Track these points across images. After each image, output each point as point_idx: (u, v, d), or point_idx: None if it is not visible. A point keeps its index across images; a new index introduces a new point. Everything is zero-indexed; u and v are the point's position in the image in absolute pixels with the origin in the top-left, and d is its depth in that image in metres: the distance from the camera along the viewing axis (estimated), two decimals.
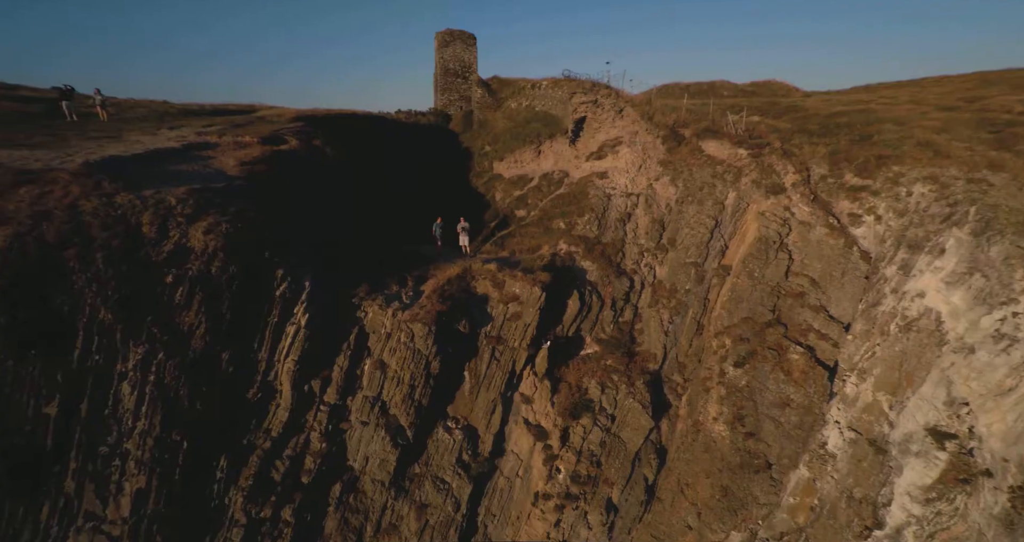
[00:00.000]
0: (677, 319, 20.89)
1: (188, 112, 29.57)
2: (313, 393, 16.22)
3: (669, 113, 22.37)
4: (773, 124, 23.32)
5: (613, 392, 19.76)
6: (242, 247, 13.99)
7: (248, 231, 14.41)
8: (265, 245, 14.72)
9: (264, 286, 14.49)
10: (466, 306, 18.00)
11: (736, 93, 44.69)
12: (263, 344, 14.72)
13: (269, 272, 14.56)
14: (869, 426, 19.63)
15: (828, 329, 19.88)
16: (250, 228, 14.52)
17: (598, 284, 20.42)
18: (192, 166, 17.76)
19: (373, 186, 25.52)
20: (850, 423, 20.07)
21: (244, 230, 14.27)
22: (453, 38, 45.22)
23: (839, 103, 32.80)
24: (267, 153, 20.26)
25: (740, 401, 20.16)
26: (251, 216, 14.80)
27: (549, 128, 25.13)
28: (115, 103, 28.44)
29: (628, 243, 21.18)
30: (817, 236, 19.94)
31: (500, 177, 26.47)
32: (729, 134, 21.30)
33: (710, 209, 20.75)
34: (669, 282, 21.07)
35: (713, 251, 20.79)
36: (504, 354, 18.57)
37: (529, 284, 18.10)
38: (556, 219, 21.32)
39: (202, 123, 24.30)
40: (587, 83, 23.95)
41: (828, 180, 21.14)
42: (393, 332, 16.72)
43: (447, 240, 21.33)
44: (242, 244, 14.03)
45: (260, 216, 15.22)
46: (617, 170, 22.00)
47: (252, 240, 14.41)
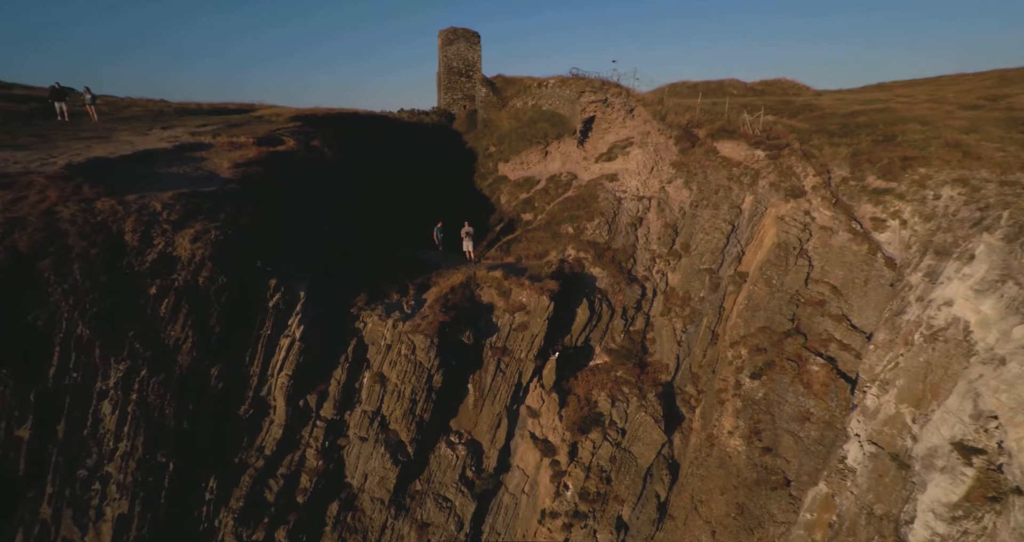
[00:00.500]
0: (691, 328, 19.91)
1: (185, 111, 28.74)
2: (309, 408, 15.35)
3: (682, 113, 21.35)
4: (790, 124, 22.27)
5: (624, 405, 18.81)
6: (232, 256, 13.09)
7: (239, 238, 13.51)
8: (257, 253, 13.82)
9: (256, 297, 13.60)
10: (470, 316, 17.07)
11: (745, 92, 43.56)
12: (255, 358, 13.84)
13: (261, 282, 13.67)
14: (891, 440, 18.62)
15: (850, 339, 18.87)
16: (241, 235, 13.63)
17: (608, 292, 19.46)
18: (183, 168, 16.90)
19: (374, 188, 24.62)
20: (871, 436, 19.05)
21: (235, 237, 13.38)
22: (457, 36, 44.27)
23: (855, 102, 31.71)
24: (263, 154, 19.37)
25: (757, 414, 19.18)
26: (243, 222, 13.90)
27: (556, 128, 24.14)
28: (109, 102, 27.65)
29: (639, 249, 20.20)
30: (839, 242, 18.91)
31: (505, 179, 25.51)
32: (746, 134, 20.28)
33: (726, 213, 19.74)
34: (682, 289, 20.08)
35: (729, 257, 19.79)
36: (510, 366, 17.65)
37: (536, 293, 17.16)
38: (564, 223, 20.35)
39: (197, 123, 23.44)
40: (596, 81, 22.96)
41: (850, 183, 20.09)
42: (393, 344, 15.81)
43: (450, 245, 20.41)
44: (233, 252, 13.13)
45: (253, 222, 14.32)
46: (628, 172, 21.02)
47: (243, 248, 13.52)
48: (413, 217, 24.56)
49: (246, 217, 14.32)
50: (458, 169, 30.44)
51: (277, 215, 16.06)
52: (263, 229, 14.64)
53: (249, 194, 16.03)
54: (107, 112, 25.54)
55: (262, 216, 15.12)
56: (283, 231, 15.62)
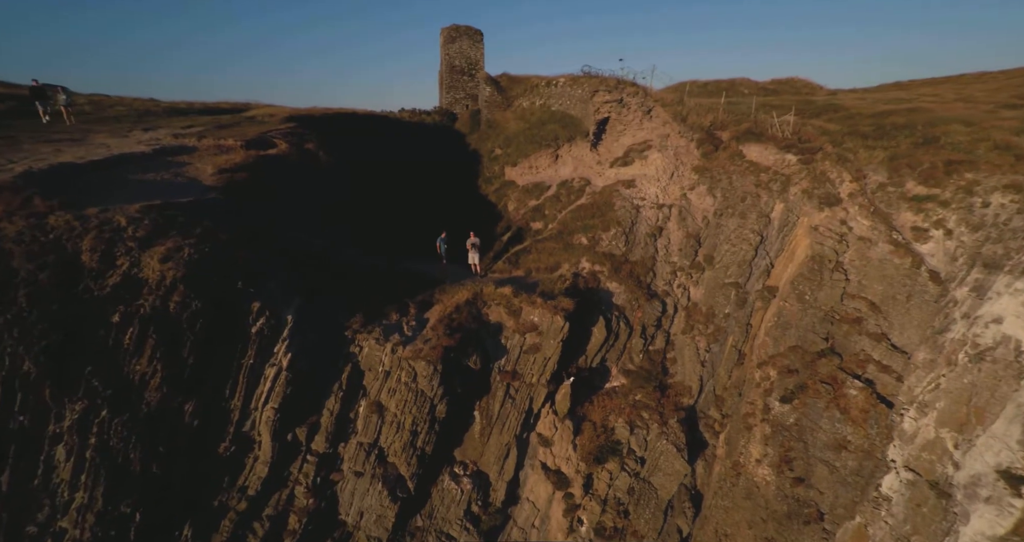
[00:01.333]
0: (715, 347, 18.28)
1: (175, 111, 27.12)
2: (298, 442, 13.75)
3: (704, 113, 19.69)
4: (820, 125, 20.59)
5: (643, 432, 17.19)
6: (210, 276, 11.47)
7: (218, 256, 11.89)
8: (239, 272, 12.20)
9: (237, 322, 11.97)
10: (477, 337, 15.46)
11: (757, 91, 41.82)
12: (236, 390, 12.23)
13: (243, 305, 12.04)
14: (930, 466, 16.99)
15: (890, 360, 17.21)
16: (221, 252, 12.01)
17: (626, 308, 17.83)
18: (162, 174, 15.29)
19: (373, 193, 22.99)
20: (907, 462, 17.41)
21: (213, 255, 11.76)
22: (459, 34, 42.83)
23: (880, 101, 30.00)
24: (251, 159, 17.76)
25: (788, 441, 17.55)
26: (223, 238, 12.27)
27: (568, 130, 22.46)
28: (94, 101, 26.02)
29: (659, 261, 18.56)
30: (879, 254, 17.25)
31: (513, 184, 23.84)
32: (774, 137, 18.62)
33: (754, 223, 18.09)
34: (706, 305, 18.44)
35: (757, 270, 18.14)
36: (520, 391, 16.04)
37: (550, 312, 15.54)
38: (577, 234, 18.72)
39: (183, 124, 21.81)
40: (611, 80, 21.29)
41: (887, 189, 18.41)
42: (392, 370, 14.20)
43: (454, 256, 18.79)
44: (210, 272, 11.51)
45: (235, 236, 12.69)
46: (646, 178, 19.37)
47: (223, 267, 11.90)
48: (414, 224, 22.93)
49: (227, 231, 12.70)
50: (461, 172, 28.79)
51: (264, 227, 14.46)
52: (247, 244, 13.02)
53: (233, 204, 14.43)
54: (90, 112, 23.93)
55: (247, 229, 13.50)
56: (270, 246, 14.01)
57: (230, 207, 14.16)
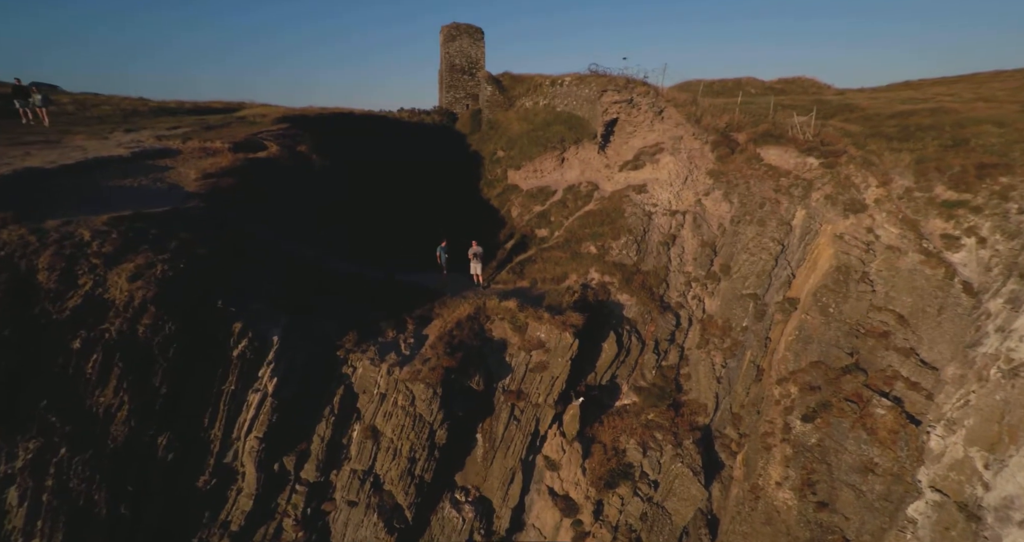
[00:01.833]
0: (731, 362, 17.15)
1: (163, 111, 25.94)
2: (286, 471, 12.61)
3: (719, 114, 18.55)
4: (841, 126, 19.46)
5: (656, 454, 16.07)
6: (185, 295, 10.32)
7: (196, 272, 10.74)
8: (220, 290, 11.06)
9: (216, 345, 10.83)
10: (480, 354, 14.32)
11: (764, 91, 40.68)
12: (217, 419, 11.08)
13: (223, 327, 10.89)
14: (958, 487, 15.87)
15: (920, 377, 16.10)
16: (199, 268, 10.85)
17: (638, 322, 16.69)
18: (139, 180, 14.13)
19: (370, 198, 21.83)
20: (933, 482, 16.30)
21: (190, 272, 10.61)
22: (459, 32, 41.89)
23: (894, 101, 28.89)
24: (239, 162, 16.60)
25: (810, 463, 16.43)
26: (202, 252, 11.12)
27: (574, 132, 21.29)
28: (78, 100, 24.83)
29: (673, 271, 17.42)
30: (909, 264, 16.13)
31: (516, 189, 22.66)
32: (795, 139, 17.47)
33: (773, 230, 16.96)
34: (722, 318, 17.31)
35: (777, 281, 17.02)
36: (526, 412, 14.91)
37: (558, 328, 14.40)
38: (585, 242, 17.57)
39: (169, 124, 20.65)
40: (620, 79, 20.12)
41: (914, 194, 17.27)
42: (388, 393, 13.07)
43: (455, 265, 17.64)
44: (186, 291, 10.36)
45: (216, 250, 11.54)
46: (658, 183, 18.23)
47: (201, 285, 10.74)
48: (413, 230, 21.78)
49: (208, 243, 11.54)
50: (462, 174, 27.61)
51: (251, 238, 13.31)
52: (229, 258, 11.87)
53: (217, 212, 13.28)
54: (73, 112, 22.76)
55: (230, 241, 12.35)
56: (256, 259, 12.86)
57: (213, 216, 13.00)
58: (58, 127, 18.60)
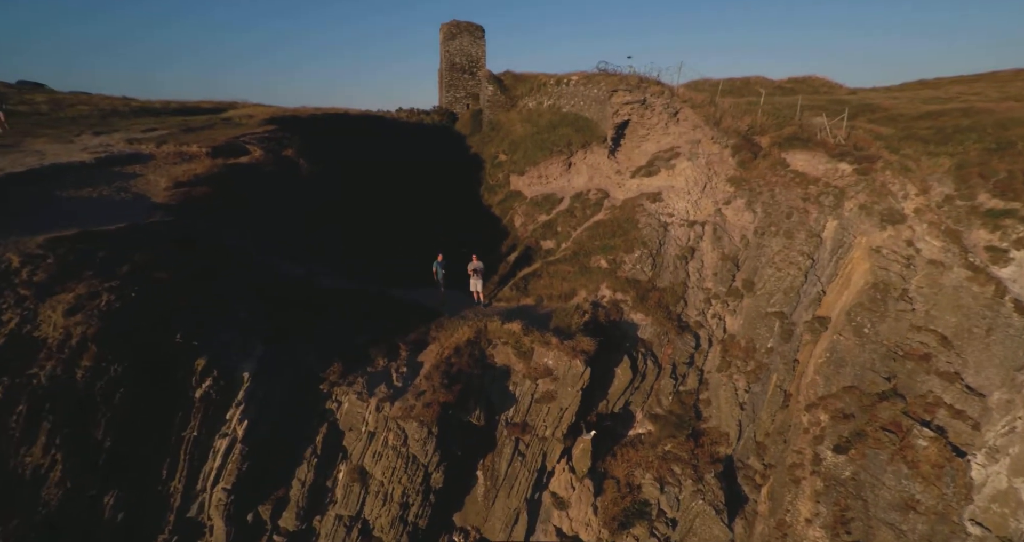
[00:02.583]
0: (755, 387, 15.58)
1: (145, 111, 24.32)
2: (261, 521, 11.02)
3: (740, 116, 16.95)
4: (872, 129, 17.84)
5: (675, 489, 14.50)
6: (136, 330, 8.75)
7: (152, 301, 9.15)
8: (181, 320, 9.47)
9: (176, 386, 9.26)
10: (480, 385, 12.74)
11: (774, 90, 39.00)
12: (177, 471, 9.50)
13: (184, 363, 9.32)
14: (1002, 521, 14.34)
15: (965, 404, 14.48)
16: (156, 296, 9.27)
17: (654, 344, 15.11)
18: (100, 190, 12.52)
19: (362, 205, 20.22)
20: (974, 515, 14.73)
21: (143, 300, 9.02)
22: (459, 30, 40.58)
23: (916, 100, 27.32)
24: (216, 169, 15.01)
25: (843, 499, 14.84)
26: (161, 277, 9.53)
27: (582, 135, 19.64)
28: (54, 100, 23.23)
29: (691, 288, 15.83)
30: (953, 280, 14.53)
31: (520, 196, 21.02)
32: (825, 143, 15.87)
33: (802, 243, 15.36)
34: (745, 338, 15.73)
35: (805, 298, 15.43)
36: (531, 446, 13.34)
37: (567, 355, 12.82)
38: (595, 255, 15.98)
39: (146, 126, 19.05)
40: (632, 78, 18.50)
41: (955, 202, 15.66)
42: (378, 431, 11.49)
43: (452, 281, 16.02)
44: (137, 324, 8.79)
45: (178, 273, 9.95)
46: (674, 191, 16.62)
47: (157, 315, 9.16)
48: (409, 239, 20.16)
49: (171, 265, 9.96)
50: (462, 178, 25.98)
51: (223, 257, 11.72)
52: (195, 281, 10.28)
53: (186, 226, 11.70)
54: (46, 112, 21.14)
55: (199, 260, 10.76)
56: (229, 279, 11.27)
57: (181, 231, 11.42)
58: (22, 129, 16.99)
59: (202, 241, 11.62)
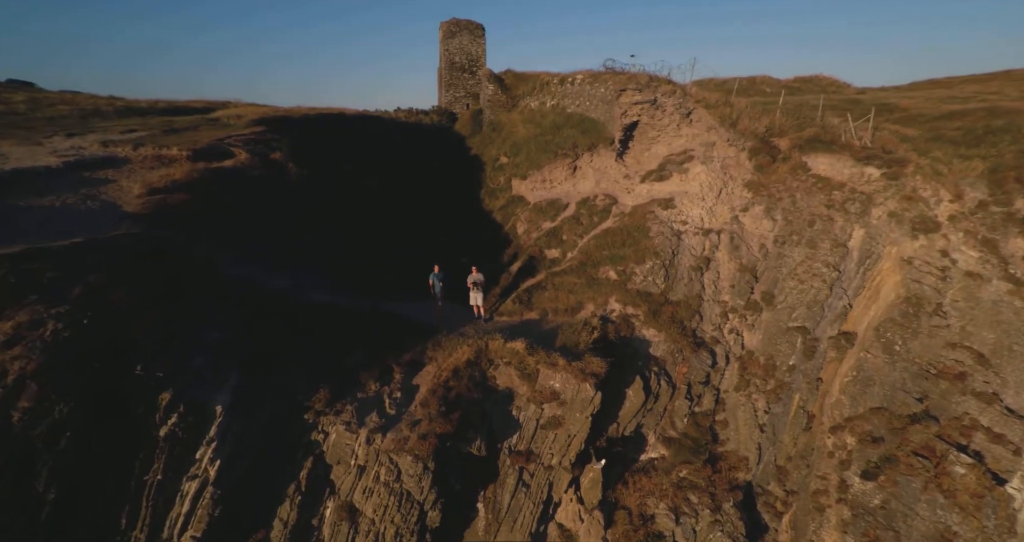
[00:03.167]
0: (776, 408, 14.46)
1: (130, 111, 23.11)
2: None
3: (758, 117, 15.83)
4: (897, 130, 16.71)
5: (691, 520, 13.37)
6: (88, 362, 7.61)
7: (107, 328, 8.00)
8: (143, 349, 8.33)
9: (136, 424, 8.12)
10: (481, 410, 11.60)
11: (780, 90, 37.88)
12: (138, 519, 8.34)
13: (146, 398, 8.18)
14: None
15: (1004, 428, 13.33)
16: (113, 321, 8.12)
17: (667, 361, 13.99)
18: (64, 198, 11.35)
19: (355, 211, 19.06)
20: None
21: (98, 328, 7.87)
22: (459, 28, 39.61)
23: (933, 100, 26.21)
24: (196, 174, 13.84)
25: (873, 530, 13.71)
26: (118, 298, 8.38)
27: (588, 137, 18.47)
28: (33, 99, 22.02)
29: (707, 301, 14.69)
30: (992, 294, 13.40)
31: (523, 201, 19.86)
32: (850, 145, 14.74)
33: (827, 253, 14.24)
34: (764, 355, 14.61)
35: (830, 312, 14.30)
36: (537, 476, 12.21)
37: (575, 378, 11.68)
38: (604, 266, 14.85)
39: (126, 127, 17.88)
40: (642, 77, 17.33)
41: (990, 208, 14.50)
42: (369, 465, 10.35)
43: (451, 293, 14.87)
44: (89, 356, 7.65)
45: (140, 295, 8.81)
46: (687, 196, 15.50)
47: (113, 344, 8.01)
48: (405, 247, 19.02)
49: (131, 285, 8.80)
50: (461, 182, 24.83)
51: (196, 272, 10.56)
52: (162, 301, 9.14)
53: (158, 238, 10.54)
54: (23, 112, 19.93)
55: (165, 279, 9.61)
56: (203, 296, 10.13)
57: (151, 244, 10.26)
58: None
59: (174, 254, 10.46)
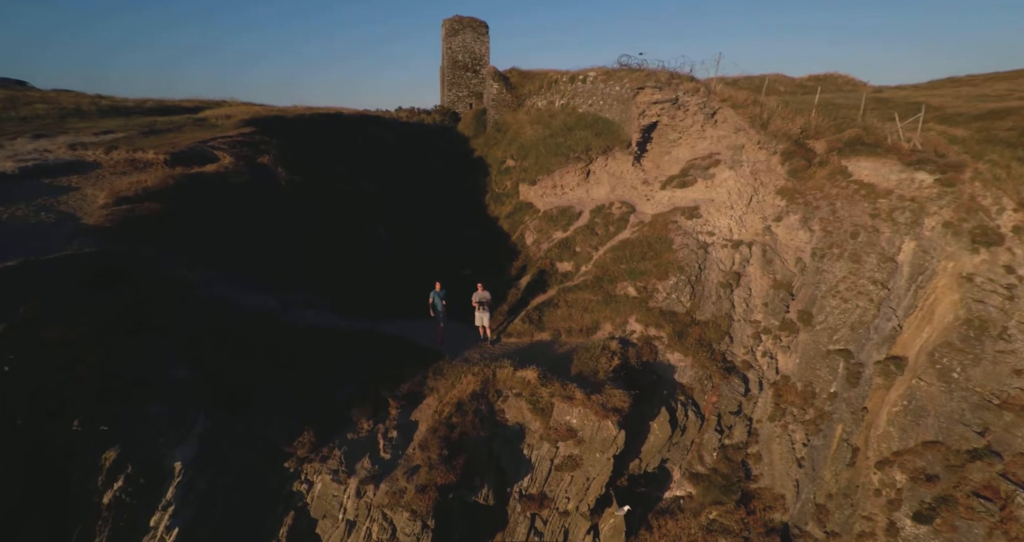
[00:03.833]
0: (815, 440, 12.95)
1: (114, 111, 21.78)
2: None
3: (792, 117, 14.31)
4: (945, 131, 15.17)
5: None
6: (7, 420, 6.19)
7: (34, 377, 6.59)
8: (79, 401, 6.89)
9: (74, 490, 6.69)
10: (488, 452, 10.14)
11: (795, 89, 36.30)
12: None
13: (85, 459, 6.75)
14: None
15: None
16: (42, 368, 6.70)
17: (695, 389, 12.50)
18: (14, 209, 9.94)
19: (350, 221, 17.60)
20: None
21: (22, 377, 6.45)
22: (462, 26, 38.44)
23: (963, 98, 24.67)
24: (172, 180, 12.41)
25: None
26: (52, 337, 6.94)
27: (602, 139, 16.92)
28: (10, 97, 20.65)
29: (737, 320, 13.19)
30: None
31: (531, 208, 18.31)
32: (898, 148, 13.21)
33: (873, 269, 12.71)
34: (801, 381, 13.10)
35: (877, 334, 12.77)
36: (551, 523, 10.74)
37: (595, 414, 10.20)
38: (622, 281, 13.37)
39: (105, 128, 16.48)
40: (662, 74, 15.81)
41: None
42: (359, 521, 8.90)
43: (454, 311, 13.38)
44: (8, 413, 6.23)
45: (86, 328, 7.38)
46: (714, 205, 14.00)
47: (42, 396, 6.59)
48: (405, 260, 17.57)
49: (71, 319, 7.37)
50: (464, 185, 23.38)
51: (160, 295, 9.12)
52: (108, 338, 7.69)
53: (113, 258, 9.12)
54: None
55: (118, 306, 8.17)
56: (164, 328, 8.69)
57: (107, 263, 8.84)
58: None
59: (136, 275, 9.04)
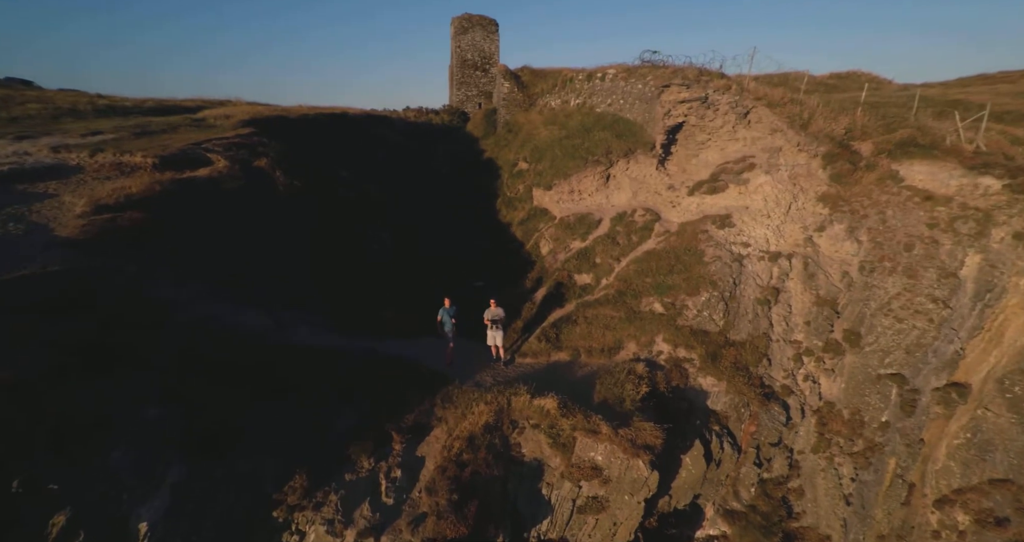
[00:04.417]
0: (865, 474, 11.62)
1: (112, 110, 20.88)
2: None
3: (834, 117, 12.98)
4: (1003, 130, 13.75)
5: None
6: None
7: None
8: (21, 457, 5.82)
9: None
10: (503, 492, 8.98)
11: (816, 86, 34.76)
12: None
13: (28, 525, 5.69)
14: None
15: None
16: None
17: (730, 418, 11.23)
18: None
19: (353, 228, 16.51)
20: None
21: None
22: (472, 24, 37.45)
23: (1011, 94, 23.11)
24: (159, 186, 11.37)
25: None
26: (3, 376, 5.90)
27: (624, 141, 15.61)
28: (6, 97, 19.94)
29: (776, 341, 11.90)
30: None
31: (546, 214, 17.08)
32: (959, 150, 11.85)
33: (932, 285, 11.36)
34: (848, 408, 11.78)
35: (936, 358, 11.43)
36: None
37: (624, 451, 8.99)
38: (647, 296, 12.13)
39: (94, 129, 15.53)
40: (689, 70, 14.52)
41: None
42: None
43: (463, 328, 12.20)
44: None
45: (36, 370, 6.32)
46: (748, 213, 12.71)
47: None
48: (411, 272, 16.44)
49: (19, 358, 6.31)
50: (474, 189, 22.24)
51: (132, 320, 8.06)
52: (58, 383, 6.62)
53: (81, 278, 8.07)
54: None
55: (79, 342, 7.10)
56: (134, 360, 7.62)
57: (72, 285, 7.80)
58: None
59: (106, 296, 7.97)
